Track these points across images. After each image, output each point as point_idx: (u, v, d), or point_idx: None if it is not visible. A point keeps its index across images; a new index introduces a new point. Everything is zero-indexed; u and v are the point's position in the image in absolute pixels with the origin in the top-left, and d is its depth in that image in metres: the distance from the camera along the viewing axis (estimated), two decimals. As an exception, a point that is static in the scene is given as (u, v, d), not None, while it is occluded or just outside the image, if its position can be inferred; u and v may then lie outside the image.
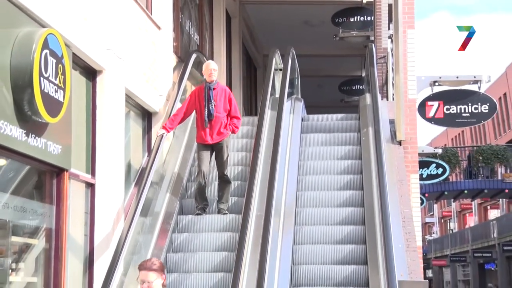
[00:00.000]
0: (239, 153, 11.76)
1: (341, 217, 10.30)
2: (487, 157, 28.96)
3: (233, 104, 10.09)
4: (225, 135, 9.91)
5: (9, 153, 6.97)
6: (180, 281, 8.93)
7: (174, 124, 9.93)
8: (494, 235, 45.93)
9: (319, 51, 20.50)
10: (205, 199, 9.87)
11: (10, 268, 7.27)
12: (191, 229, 9.87)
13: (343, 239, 9.90)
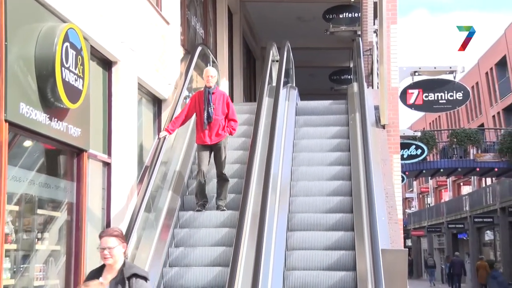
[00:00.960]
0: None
1: (331, 189, 10.35)
2: (460, 140, 29.04)
3: (231, 108, 9.80)
4: (223, 136, 9.64)
5: (35, 135, 7.02)
6: (181, 274, 8.73)
7: (175, 126, 9.72)
8: (466, 208, 46.19)
9: (312, 44, 20.47)
10: (205, 196, 9.64)
11: (36, 237, 7.33)
12: (191, 225, 9.60)
13: (332, 209, 9.95)
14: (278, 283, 8.35)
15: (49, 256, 7.59)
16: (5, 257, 6.45)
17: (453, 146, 29.51)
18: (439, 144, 29.70)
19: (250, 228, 8.46)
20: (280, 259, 8.72)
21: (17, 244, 6.90)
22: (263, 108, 10.94)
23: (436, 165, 29.69)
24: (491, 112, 49.27)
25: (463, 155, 29.42)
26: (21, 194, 7.03)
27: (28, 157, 7.21)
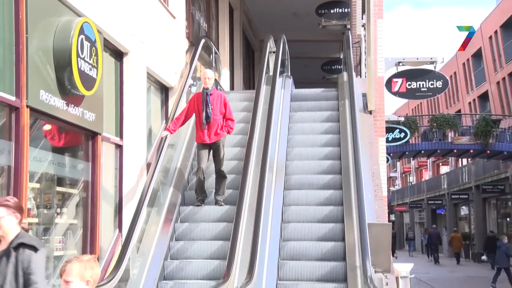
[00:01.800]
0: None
1: (322, 168, 10.36)
2: (440, 124, 29.07)
3: (228, 108, 9.41)
4: (221, 135, 9.27)
5: (53, 120, 7.04)
6: (181, 267, 8.44)
7: (176, 126, 9.32)
8: (444, 186, 46.46)
9: (305, 37, 20.40)
10: (204, 192, 9.29)
11: (56, 212, 7.35)
12: (191, 219, 9.29)
13: (324, 186, 9.97)
14: (274, 252, 8.40)
15: (67, 229, 7.62)
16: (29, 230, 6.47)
17: (433, 130, 29.52)
18: (420, 128, 29.70)
19: (249, 204, 8.47)
20: (276, 230, 8.77)
21: (39, 218, 6.94)
22: (261, 95, 10.92)
23: (418, 147, 29.71)
24: (467, 99, 49.32)
25: (442, 138, 29.43)
26: (41, 173, 7.04)
27: (47, 139, 7.21)
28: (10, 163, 6.26)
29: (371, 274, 6.76)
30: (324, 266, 8.39)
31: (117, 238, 8.67)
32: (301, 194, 9.79)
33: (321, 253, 8.66)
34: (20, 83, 6.30)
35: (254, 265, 7.06)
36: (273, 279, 8.04)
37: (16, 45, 6.31)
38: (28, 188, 6.42)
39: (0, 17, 6.16)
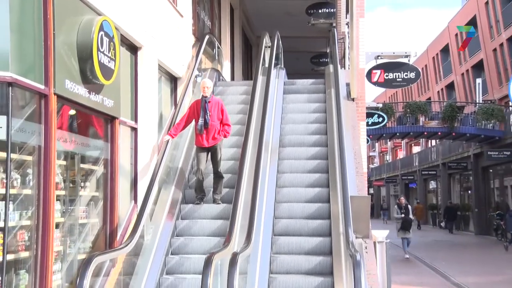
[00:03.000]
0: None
1: (311, 141, 10.40)
2: (413, 110, 29.10)
3: (225, 114, 8.95)
4: (218, 139, 8.83)
5: (77, 106, 7.02)
6: (181, 262, 8.00)
7: (177, 131, 8.94)
8: (415, 164, 46.76)
9: (297, 34, 20.31)
10: (203, 191, 8.90)
11: (80, 186, 7.35)
12: (191, 216, 8.85)
13: (313, 156, 10.01)
14: (270, 212, 8.49)
15: (90, 200, 7.63)
16: (56, 201, 6.49)
17: (406, 115, 29.51)
18: (396, 114, 29.67)
19: (248, 176, 8.47)
20: (271, 194, 8.88)
21: (65, 191, 6.94)
22: (258, 84, 10.90)
23: (393, 130, 29.72)
24: (436, 88, 49.37)
25: (414, 122, 29.44)
26: (67, 151, 7.04)
27: (72, 122, 7.20)
28: (40, 143, 6.27)
29: (352, 239, 6.78)
30: (312, 223, 8.51)
31: (133, 209, 8.69)
32: (292, 164, 9.83)
33: (309, 213, 8.75)
34: (48, 73, 6.29)
35: (252, 230, 7.08)
36: (268, 237, 8.10)
37: (45, 40, 6.30)
38: (56, 165, 6.43)
39: (31, 17, 6.15)
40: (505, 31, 34.23)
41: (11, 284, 5.89)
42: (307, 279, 7.57)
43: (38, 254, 6.17)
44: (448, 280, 13.89)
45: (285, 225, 8.60)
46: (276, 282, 7.49)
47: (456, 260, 18.24)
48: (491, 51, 36.78)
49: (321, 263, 7.82)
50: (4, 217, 5.71)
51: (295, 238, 8.32)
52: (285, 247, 8.19)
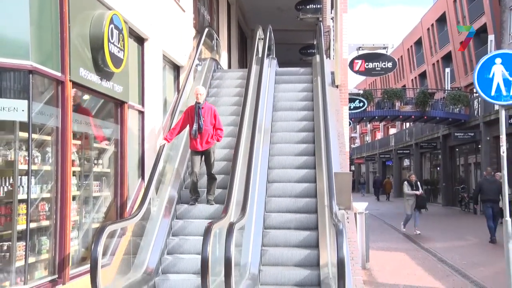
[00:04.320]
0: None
1: (300, 127, 10.34)
2: (390, 96, 29.07)
3: (217, 119, 8.48)
4: (211, 143, 8.39)
5: (91, 91, 6.98)
6: (175, 262, 7.49)
7: (173, 136, 8.47)
8: (392, 144, 46.88)
9: (287, 27, 20.20)
10: (197, 192, 8.46)
11: (93, 163, 7.33)
12: (186, 216, 8.36)
13: (301, 140, 9.96)
14: (262, 190, 8.51)
15: (102, 176, 7.60)
16: (72, 176, 6.48)
17: (384, 101, 29.46)
18: (375, 99, 29.64)
19: (243, 156, 8.44)
20: (264, 174, 8.87)
21: (80, 167, 6.92)
22: (253, 72, 10.83)
23: (373, 114, 29.70)
24: (410, 76, 49.36)
25: (391, 106, 29.39)
26: (82, 132, 6.99)
27: (86, 106, 7.15)
28: (58, 125, 6.25)
29: (336, 210, 6.80)
30: (300, 201, 8.53)
31: (140, 184, 8.69)
32: (283, 147, 9.80)
33: (298, 191, 8.77)
34: (64, 62, 6.26)
35: (246, 202, 7.09)
36: (262, 197, 8.15)
37: (61, 32, 6.26)
38: (71, 144, 6.41)
39: (49, 11, 6.10)
40: (471, 25, 34.22)
41: (34, 248, 5.92)
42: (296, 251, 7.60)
43: (57, 223, 6.18)
44: (419, 245, 14.02)
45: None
46: (268, 254, 7.51)
47: (426, 228, 18.40)
48: (458, 44, 36.78)
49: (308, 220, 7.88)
50: (27, 190, 5.72)
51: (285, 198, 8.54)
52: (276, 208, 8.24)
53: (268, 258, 7.48)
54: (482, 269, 10.13)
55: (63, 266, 6.16)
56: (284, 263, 7.43)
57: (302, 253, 7.47)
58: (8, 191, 5.69)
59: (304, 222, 8.12)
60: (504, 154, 6.69)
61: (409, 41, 49.52)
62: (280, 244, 7.79)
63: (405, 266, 10.66)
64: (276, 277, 7.13)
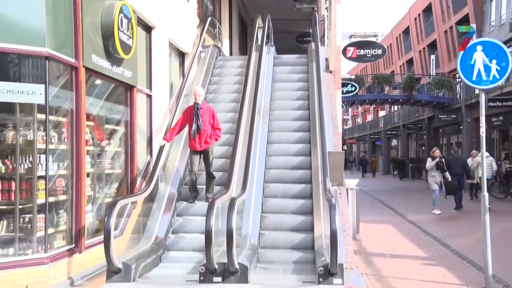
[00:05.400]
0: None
1: (296, 106, 10.32)
2: (379, 81, 28.99)
3: (216, 119, 8.05)
4: (210, 143, 7.99)
5: (102, 76, 6.95)
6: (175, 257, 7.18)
7: (172, 136, 8.05)
8: (381, 125, 46.83)
9: (285, 16, 19.96)
10: (196, 190, 8.07)
11: (105, 142, 7.33)
12: (185, 213, 7.96)
13: (297, 118, 9.99)
14: (262, 163, 8.56)
15: (114, 155, 7.63)
16: (86, 155, 6.49)
17: (374, 85, 29.38)
18: (366, 84, 29.53)
19: (243, 135, 8.45)
20: (263, 149, 8.93)
21: (94, 147, 6.94)
22: (252, 58, 10.77)
23: (364, 97, 29.60)
24: (398, 63, 49.13)
25: (381, 91, 29.34)
26: (94, 114, 7.00)
27: (98, 90, 7.13)
28: (72, 107, 6.25)
29: (329, 186, 6.84)
30: (296, 172, 8.59)
31: (149, 161, 8.70)
32: (281, 125, 9.81)
33: (295, 164, 8.82)
34: (78, 49, 6.23)
35: (247, 179, 7.11)
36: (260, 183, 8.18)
37: (75, 21, 6.22)
38: (85, 125, 6.41)
39: (63, 2, 6.06)
40: (454, 16, 34.07)
41: (53, 220, 5.96)
42: (293, 217, 7.67)
43: (73, 197, 6.21)
44: (404, 218, 14.12)
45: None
46: (267, 220, 7.58)
47: (411, 202, 18.51)
48: (443, 32, 36.66)
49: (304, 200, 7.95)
50: (45, 167, 5.75)
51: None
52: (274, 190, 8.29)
53: (267, 224, 7.58)
54: (461, 239, 10.23)
55: (79, 236, 6.21)
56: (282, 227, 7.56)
57: (298, 219, 7.60)
58: (28, 168, 5.72)
59: (301, 192, 8.22)
60: (483, 134, 6.71)
61: (398, 29, 49.20)
62: (278, 211, 7.89)
63: (392, 237, 10.75)
64: (274, 241, 7.23)
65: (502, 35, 26.46)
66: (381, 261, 8.08)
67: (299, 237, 7.19)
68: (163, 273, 6.60)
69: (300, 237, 7.19)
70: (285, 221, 7.57)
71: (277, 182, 8.47)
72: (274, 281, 6.02)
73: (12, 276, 5.42)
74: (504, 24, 26.89)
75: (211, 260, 5.79)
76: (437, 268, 7.57)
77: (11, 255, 5.59)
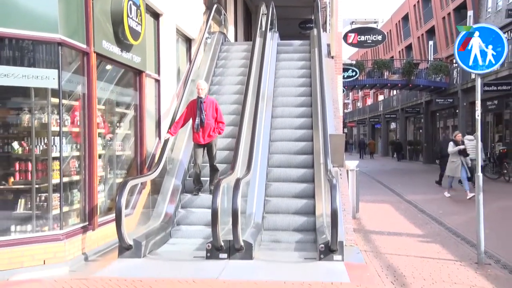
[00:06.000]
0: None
1: (299, 92, 10.28)
2: (379, 66, 28.79)
3: (219, 112, 7.79)
4: (213, 137, 7.75)
5: (112, 62, 6.93)
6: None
7: (177, 129, 7.82)
8: (380, 109, 46.62)
9: (288, 3, 19.73)
10: (200, 182, 7.89)
11: (116, 125, 7.36)
12: (189, 205, 7.79)
13: (299, 104, 9.92)
14: (265, 148, 8.55)
15: (124, 137, 7.65)
16: (98, 137, 6.51)
17: (374, 70, 29.18)
18: (366, 69, 29.33)
19: (248, 118, 8.44)
20: (267, 133, 8.90)
21: (105, 129, 6.95)
22: (257, 44, 10.74)
23: (364, 82, 29.44)
24: (398, 48, 48.73)
25: (380, 75, 29.16)
26: (105, 98, 7.00)
27: (108, 75, 7.12)
28: (84, 91, 6.25)
29: (330, 168, 6.86)
30: (299, 157, 8.59)
31: (157, 144, 8.73)
32: (284, 110, 9.76)
33: (298, 149, 8.81)
34: (89, 35, 6.21)
35: (251, 160, 7.14)
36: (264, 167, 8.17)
37: (86, 8, 6.19)
38: (96, 108, 6.42)
39: (73, -12, 6.00)
40: (452, 2, 33.70)
41: (67, 199, 6.02)
42: (295, 201, 7.70)
43: (86, 177, 6.25)
44: (402, 198, 14.15)
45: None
46: (270, 204, 7.62)
47: (408, 183, 18.53)
48: (441, 19, 36.31)
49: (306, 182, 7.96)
50: (59, 149, 5.78)
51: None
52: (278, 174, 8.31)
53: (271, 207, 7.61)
54: (456, 218, 10.27)
55: (92, 214, 6.27)
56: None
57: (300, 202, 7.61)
58: (43, 150, 5.76)
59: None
60: (478, 117, 6.68)
61: (397, 16, 48.71)
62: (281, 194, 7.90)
63: (390, 216, 10.80)
64: (277, 222, 7.26)
65: (498, 21, 26.20)
66: (379, 238, 8.13)
67: (301, 219, 7.22)
68: (171, 249, 6.67)
69: (302, 219, 7.21)
70: (288, 204, 7.58)
71: (280, 167, 8.46)
72: (277, 257, 6.08)
73: (31, 251, 5.51)
74: (501, 10, 26.60)
75: (217, 238, 5.85)
76: (432, 245, 7.62)
77: (29, 231, 5.67)
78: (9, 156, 5.66)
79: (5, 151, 5.63)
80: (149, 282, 5.10)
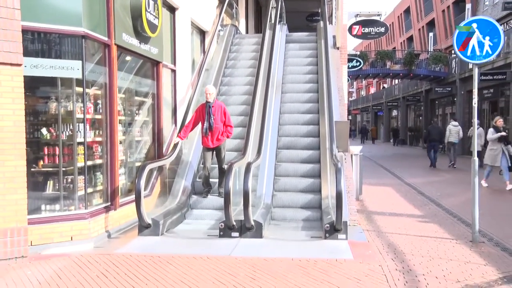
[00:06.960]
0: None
1: (306, 79, 10.23)
2: (382, 56, 28.51)
3: (227, 116, 7.49)
4: (222, 140, 7.46)
5: (132, 53, 6.93)
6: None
7: (186, 134, 7.52)
8: (383, 97, 46.26)
9: (296, -3, 19.70)
10: (209, 185, 7.63)
11: (135, 113, 7.39)
12: (198, 206, 7.49)
13: (307, 90, 9.88)
14: (275, 131, 8.55)
15: (143, 123, 7.68)
16: (119, 124, 6.55)
17: (377, 60, 28.91)
18: (369, 59, 29.07)
19: (258, 105, 8.42)
20: (276, 119, 8.91)
21: (125, 117, 6.99)
22: (267, 36, 10.65)
23: (367, 72, 29.20)
24: (399, 40, 48.15)
25: (383, 66, 28.90)
26: (125, 87, 7.02)
27: (129, 66, 7.13)
28: (106, 81, 6.27)
29: (335, 152, 6.85)
30: (306, 139, 8.61)
31: (173, 130, 8.76)
32: (292, 96, 9.74)
33: (305, 132, 8.82)
34: (110, 28, 6.21)
35: (261, 145, 7.15)
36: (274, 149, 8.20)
37: (107, 3, 6.20)
38: (117, 97, 6.44)
39: (95, -17, 5.98)
40: (453, -4, 33.18)
41: (91, 181, 6.09)
42: (302, 180, 7.72)
43: (108, 161, 6.31)
44: (402, 181, 14.10)
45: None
46: (279, 183, 7.65)
47: (409, 167, 18.45)
48: (440, 12, 35.80)
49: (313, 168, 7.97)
50: (83, 134, 5.83)
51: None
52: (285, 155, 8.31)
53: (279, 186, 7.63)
54: (453, 199, 10.23)
55: (114, 195, 6.34)
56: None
57: (307, 181, 7.66)
58: (69, 135, 5.82)
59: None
60: (475, 105, 6.62)
61: (399, 9, 48.06)
62: (289, 174, 7.95)
63: (391, 197, 10.79)
64: (286, 201, 7.31)
65: (495, 13, 25.76)
66: (381, 218, 8.14)
67: (308, 198, 7.27)
68: (187, 228, 6.74)
69: (309, 198, 7.26)
70: (296, 183, 7.63)
71: (289, 148, 8.49)
72: (285, 236, 6.13)
73: (59, 228, 5.61)
74: (497, 3, 26.14)
75: (230, 218, 5.90)
76: (430, 225, 7.62)
77: (57, 210, 5.77)
78: (38, 141, 5.73)
79: (35, 136, 5.71)
80: (167, 258, 5.18)
